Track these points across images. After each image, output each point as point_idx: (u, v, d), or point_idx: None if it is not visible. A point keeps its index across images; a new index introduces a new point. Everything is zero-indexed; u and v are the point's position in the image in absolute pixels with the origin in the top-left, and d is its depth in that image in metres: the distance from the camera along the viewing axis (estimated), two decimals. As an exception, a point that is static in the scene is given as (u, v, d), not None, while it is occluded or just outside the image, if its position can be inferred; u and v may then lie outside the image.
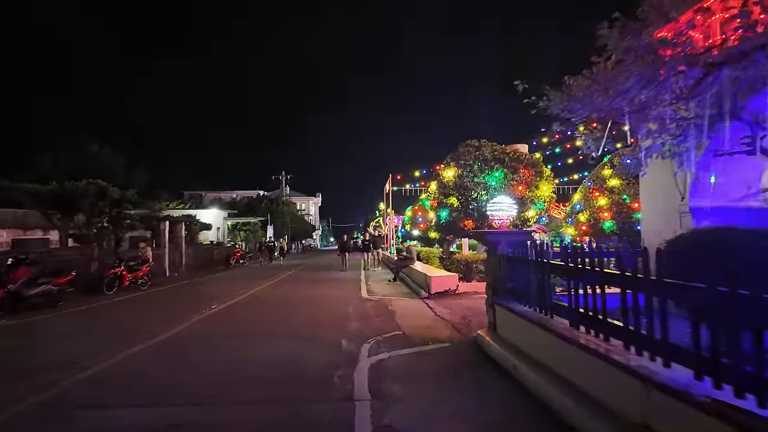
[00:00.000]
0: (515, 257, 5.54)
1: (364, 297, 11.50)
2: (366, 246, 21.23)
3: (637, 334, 3.27)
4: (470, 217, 12.22)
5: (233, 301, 11.03)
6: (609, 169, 13.77)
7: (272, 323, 8.25)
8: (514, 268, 5.62)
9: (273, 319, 8.75)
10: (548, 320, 4.61)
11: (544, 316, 4.76)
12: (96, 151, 39.25)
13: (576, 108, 4.69)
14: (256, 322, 8.45)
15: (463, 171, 12.49)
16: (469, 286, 11.41)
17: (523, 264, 5.31)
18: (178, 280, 17.86)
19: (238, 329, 7.73)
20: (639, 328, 3.27)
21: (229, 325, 8.20)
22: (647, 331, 3.12)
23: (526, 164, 12.33)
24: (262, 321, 8.52)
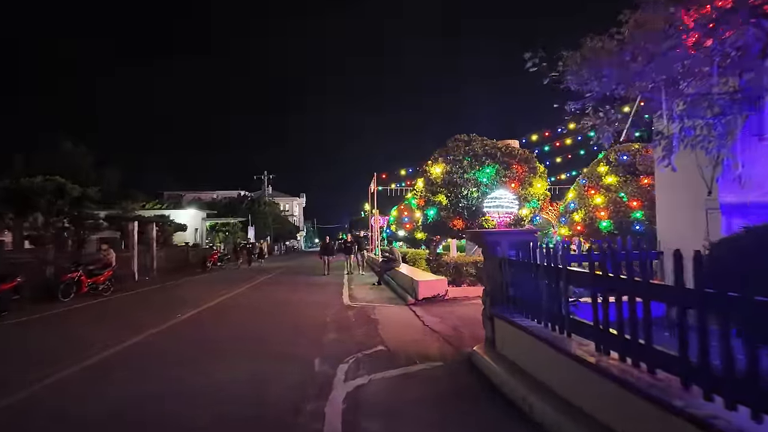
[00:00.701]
0: (520, 262, 4.66)
1: (346, 303, 10.55)
2: (348, 248, 19.45)
3: (704, 370, 2.40)
4: (460, 216, 11.38)
5: (200, 310, 9.97)
6: (604, 165, 13.08)
7: (238, 337, 7.24)
8: (519, 275, 4.75)
9: (240, 331, 7.74)
10: (564, 340, 3.74)
11: (558, 335, 3.88)
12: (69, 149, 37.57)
13: (597, 79, 3.83)
14: (219, 336, 7.43)
15: (452, 167, 11.64)
16: (459, 291, 10.55)
17: (529, 270, 4.44)
18: (147, 284, 16.64)
19: (196, 346, 6.71)
20: (704, 360, 2.41)
21: (188, 340, 7.16)
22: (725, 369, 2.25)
23: (519, 160, 11.54)
24: (227, 335, 7.50)
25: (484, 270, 5.59)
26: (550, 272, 3.99)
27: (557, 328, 3.95)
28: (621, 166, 12.80)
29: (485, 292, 5.61)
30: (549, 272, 4.01)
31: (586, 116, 4.64)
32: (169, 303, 11.45)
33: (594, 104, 4.39)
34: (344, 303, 10.62)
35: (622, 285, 3.06)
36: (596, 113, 4.47)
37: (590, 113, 4.53)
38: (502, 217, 6.34)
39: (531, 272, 4.42)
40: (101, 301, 12.13)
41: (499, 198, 6.40)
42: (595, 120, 4.64)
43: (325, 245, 20.00)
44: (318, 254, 20.56)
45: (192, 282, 17.38)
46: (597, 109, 4.45)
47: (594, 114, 4.52)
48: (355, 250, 19.21)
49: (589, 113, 4.55)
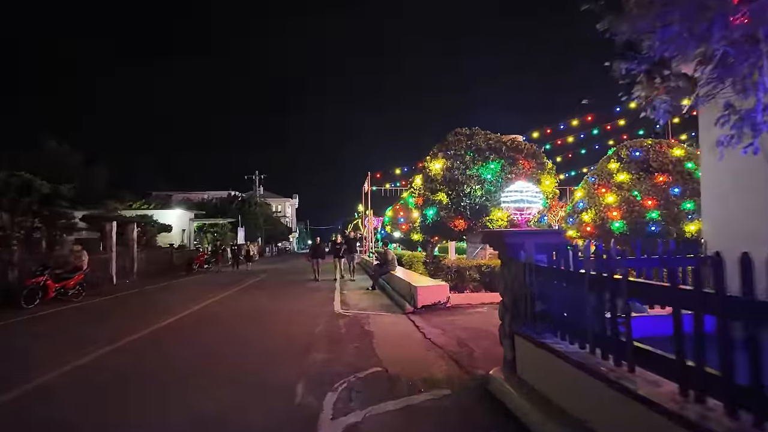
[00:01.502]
0: (553, 269, 3.71)
1: (337, 311, 9.55)
2: (337, 250, 17.26)
3: None
4: (462, 215, 10.44)
5: (171, 320, 8.92)
6: (615, 162, 12.22)
7: (208, 357, 6.22)
8: (551, 285, 3.80)
9: (212, 349, 6.71)
10: (625, 375, 2.79)
11: (614, 367, 2.93)
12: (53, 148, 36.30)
13: (663, 24, 2.90)
14: (187, 355, 6.41)
15: (453, 162, 10.71)
16: (462, 297, 9.60)
17: (569, 279, 3.49)
18: (124, 288, 15.51)
19: (155, 369, 5.68)
20: None
21: (148, 361, 6.13)
22: None
23: (526, 155, 10.64)
24: (196, 353, 6.48)
25: (502, 278, 4.63)
26: (602, 283, 3.04)
27: (611, 356, 3.01)
28: (633, 162, 11.94)
29: (503, 304, 4.65)
30: (600, 283, 3.06)
31: (637, 85, 3.69)
32: (141, 312, 10.39)
33: (649, 66, 3.45)
34: (335, 311, 9.62)
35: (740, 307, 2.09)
36: (651, 81, 3.54)
37: (642, 81, 3.59)
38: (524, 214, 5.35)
39: (571, 282, 3.47)
40: (69, 308, 11.03)
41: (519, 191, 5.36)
42: (650, 89, 3.70)
43: (315, 247, 18.12)
44: (306, 256, 18.49)
45: (172, 286, 16.28)
46: (652, 76, 3.51)
47: (648, 81, 3.58)
48: (343, 252, 17.18)
49: (641, 81, 3.61)
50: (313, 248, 18.24)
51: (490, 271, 9.84)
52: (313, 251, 17.87)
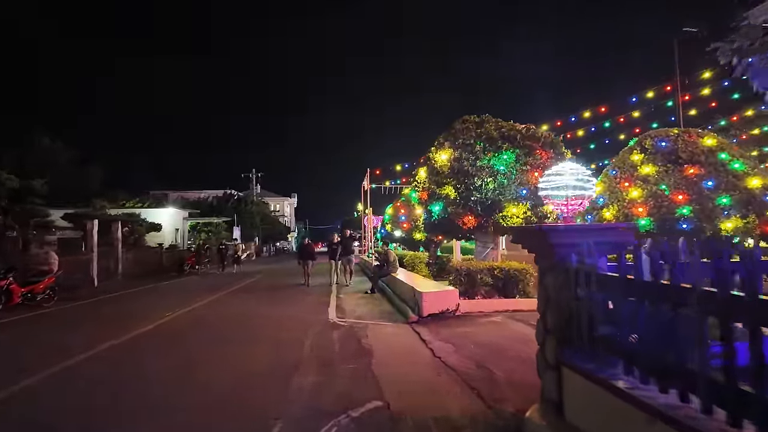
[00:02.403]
0: (627, 280, 2.60)
1: (332, 320, 8.44)
2: (333, 251, 14.76)
3: None
4: (471, 211, 9.33)
5: (144, 330, 7.81)
6: (638, 153, 11.12)
7: (173, 381, 5.11)
8: (621, 301, 2.69)
9: (178, 371, 5.60)
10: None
11: (729, 428, 1.83)
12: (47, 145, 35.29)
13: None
14: (148, 377, 5.30)
15: (461, 153, 9.59)
16: (473, 304, 8.49)
17: (657, 295, 2.38)
18: (104, 292, 14.39)
19: (104, 398, 4.57)
20: None
21: (99, 386, 5.03)
22: None
23: (543, 144, 9.52)
24: (159, 378, 5.37)
25: (542, 290, 3.52)
26: (733, 306, 1.93)
27: (719, 411, 1.90)
28: (660, 153, 10.83)
29: (543, 324, 3.55)
30: (729, 305, 1.95)
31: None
32: (113, 319, 9.28)
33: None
34: (329, 320, 8.51)
35: None
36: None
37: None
38: (572, 204, 4.19)
39: (659, 298, 2.36)
40: (35, 314, 9.93)
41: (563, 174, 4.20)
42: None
43: (305, 247, 15.77)
44: (297, 259, 16.01)
45: (157, 290, 15.15)
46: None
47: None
48: (342, 254, 14.67)
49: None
50: (302, 249, 15.95)
51: (505, 275, 8.73)
52: (302, 253, 15.64)
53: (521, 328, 7.13)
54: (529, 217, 9.20)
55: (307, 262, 14.99)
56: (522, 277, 8.78)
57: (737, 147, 10.99)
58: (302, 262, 15.12)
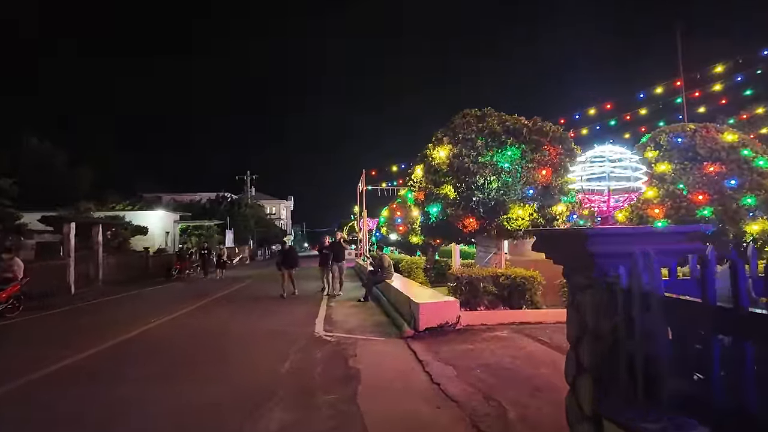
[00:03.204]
0: (722, 310, 1.74)
1: (318, 334, 7.56)
2: (324, 256, 12.93)
3: None
4: (472, 213, 8.47)
5: (99, 349, 6.91)
6: (652, 150, 10.30)
7: (109, 422, 4.23)
8: (708, 340, 1.83)
9: (124, 405, 4.72)
10: None
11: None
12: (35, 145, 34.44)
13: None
14: (85, 411, 4.42)
15: (461, 149, 8.74)
16: (476, 316, 7.63)
17: None
18: (80, 300, 13.47)
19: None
20: None
21: (36, 414, 4.14)
22: None
23: (552, 139, 8.68)
24: (96, 417, 4.48)
25: (573, 312, 2.66)
26: None
27: None
28: (676, 150, 10.02)
29: (575, 359, 2.68)
30: None
31: None
32: (70, 334, 8.38)
33: None
34: (315, 333, 7.63)
35: None
36: None
37: None
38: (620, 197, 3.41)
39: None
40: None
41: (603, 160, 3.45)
42: None
43: (287, 253, 13.19)
44: (277, 264, 13.42)
45: (135, 298, 14.22)
46: None
47: None
48: (331, 260, 12.81)
49: None
50: (281, 255, 13.32)
51: (511, 283, 7.88)
52: (282, 258, 13.10)
53: (531, 346, 6.26)
54: (536, 219, 8.36)
55: (289, 270, 12.80)
56: (529, 286, 7.93)
57: (760, 143, 10.19)
58: (283, 269, 12.82)
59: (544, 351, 5.95)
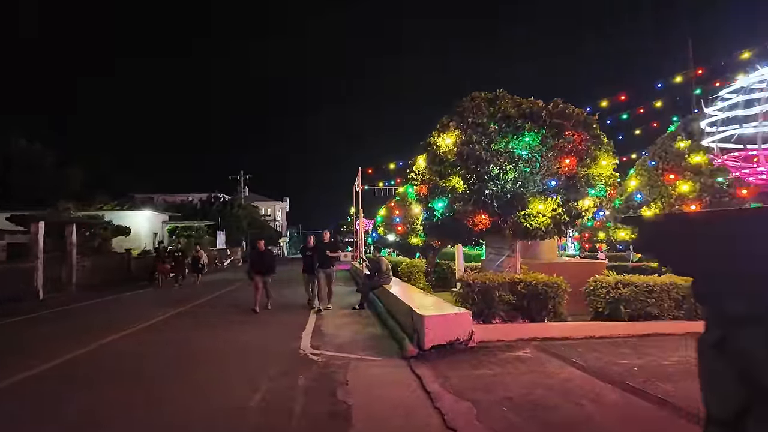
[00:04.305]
0: None
1: (303, 352, 6.35)
2: (308, 260, 10.33)
3: None
4: (485, 209, 7.28)
5: (36, 372, 5.66)
6: (683, 139, 9.18)
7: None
8: None
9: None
10: None
11: None
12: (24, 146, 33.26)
13: None
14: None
15: (471, 135, 7.55)
16: (490, 331, 6.44)
17: None
18: (45, 307, 12.20)
19: None
20: None
21: None
22: None
23: (575, 123, 7.50)
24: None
25: (723, 366, 1.46)
26: None
27: None
28: (712, 139, 8.91)
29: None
30: None
31: None
32: (13, 352, 7.09)
33: None
34: (300, 351, 6.42)
35: None
36: None
37: None
38: None
39: None
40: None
41: None
42: None
43: (259, 256, 10.61)
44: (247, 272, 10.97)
45: (112, 304, 12.95)
46: None
47: None
48: (320, 266, 10.12)
49: None
50: (253, 258, 10.85)
51: (530, 291, 6.69)
52: (253, 263, 10.64)
53: (564, 371, 5.07)
54: (559, 215, 7.18)
55: (265, 278, 10.25)
56: (553, 294, 6.75)
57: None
58: (257, 277, 10.21)
59: (582, 378, 4.76)
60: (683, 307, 6.98)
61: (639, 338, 6.61)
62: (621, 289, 6.86)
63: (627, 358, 5.48)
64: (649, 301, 6.86)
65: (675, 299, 6.95)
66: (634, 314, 6.86)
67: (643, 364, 5.15)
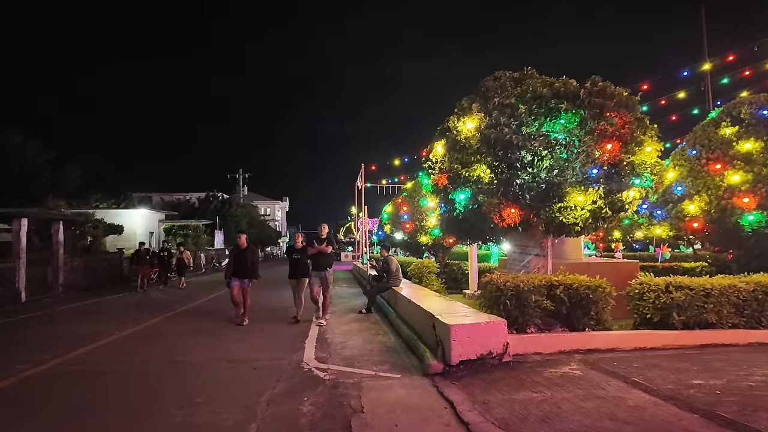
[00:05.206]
0: None
1: (305, 366, 5.42)
2: (296, 263, 8.55)
3: None
4: (515, 201, 6.36)
5: None
6: (729, 126, 8.25)
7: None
8: None
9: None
10: None
11: None
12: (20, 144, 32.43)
13: None
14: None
15: (498, 117, 6.62)
16: (526, 343, 5.51)
17: None
18: (30, 309, 11.30)
19: None
20: None
21: None
22: None
23: (617, 104, 6.58)
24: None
25: None
26: None
27: None
28: (763, 124, 7.98)
29: None
30: None
31: None
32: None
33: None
34: (302, 365, 5.49)
35: None
36: None
37: None
38: None
39: None
40: None
41: None
42: None
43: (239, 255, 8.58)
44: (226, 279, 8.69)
45: (96, 308, 12.00)
46: None
47: None
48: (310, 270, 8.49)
49: None
50: (232, 258, 8.73)
51: (571, 296, 5.76)
52: (233, 266, 8.56)
53: (629, 394, 4.13)
54: (599, 208, 6.26)
55: (242, 282, 8.39)
56: (596, 299, 5.82)
57: None
58: (234, 281, 8.41)
59: (657, 406, 3.83)
60: (744, 313, 6.06)
61: (697, 350, 5.68)
62: (673, 293, 5.92)
63: (699, 376, 4.55)
64: (706, 306, 5.93)
65: (735, 304, 6.03)
66: (689, 322, 5.94)
67: (724, 386, 4.22)
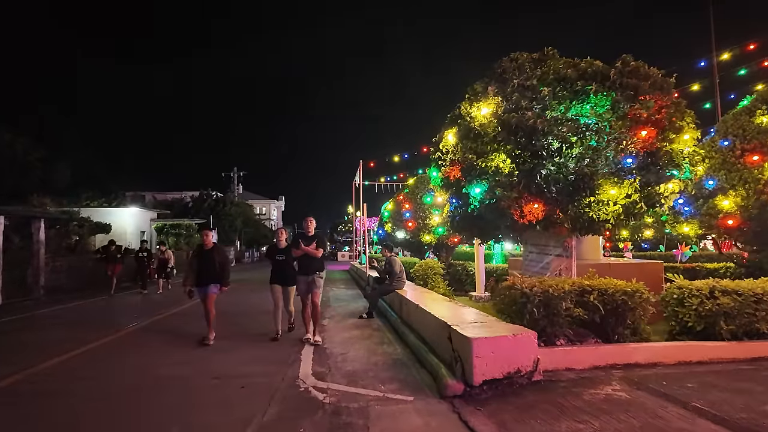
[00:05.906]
0: None
1: (302, 386, 4.67)
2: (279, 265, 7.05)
3: None
4: (539, 194, 5.63)
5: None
6: (765, 113, 7.57)
7: None
8: None
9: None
10: None
11: None
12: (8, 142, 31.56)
13: None
14: None
15: (518, 100, 5.89)
16: (557, 356, 4.78)
17: None
18: (7, 312, 10.48)
19: None
20: None
21: None
22: None
23: (652, 86, 5.86)
24: None
25: None
26: None
27: None
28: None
29: None
30: None
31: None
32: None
33: None
34: (298, 383, 4.74)
35: None
36: None
37: None
38: None
39: None
40: None
41: None
42: None
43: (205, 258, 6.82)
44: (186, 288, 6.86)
45: (74, 312, 11.19)
46: None
47: None
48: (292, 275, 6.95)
49: None
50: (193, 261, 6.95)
51: (606, 302, 5.04)
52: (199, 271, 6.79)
53: (697, 428, 3.40)
54: (634, 202, 5.53)
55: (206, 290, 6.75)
56: (633, 305, 5.10)
57: None
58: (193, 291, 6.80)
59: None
60: (798, 321, 5.35)
61: (751, 364, 4.98)
62: (719, 299, 5.22)
63: (770, 401, 3.83)
64: (757, 314, 5.23)
65: (789, 312, 5.32)
66: (738, 331, 5.23)
67: (809, 415, 3.50)
